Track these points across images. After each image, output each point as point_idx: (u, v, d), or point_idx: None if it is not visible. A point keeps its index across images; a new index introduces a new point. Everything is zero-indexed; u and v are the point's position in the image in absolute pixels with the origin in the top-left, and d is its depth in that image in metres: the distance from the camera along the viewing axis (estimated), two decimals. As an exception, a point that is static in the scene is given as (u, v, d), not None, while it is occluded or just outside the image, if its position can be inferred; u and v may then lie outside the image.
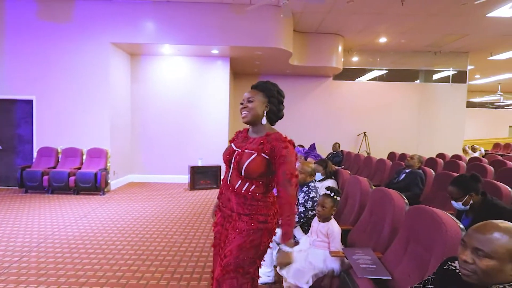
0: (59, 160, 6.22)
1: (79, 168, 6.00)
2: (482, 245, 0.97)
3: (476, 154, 8.31)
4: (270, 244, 1.65)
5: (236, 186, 1.58)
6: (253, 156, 1.53)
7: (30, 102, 6.27)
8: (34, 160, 6.21)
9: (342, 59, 8.46)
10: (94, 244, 3.48)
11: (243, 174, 1.55)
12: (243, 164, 1.53)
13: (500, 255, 0.94)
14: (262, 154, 1.53)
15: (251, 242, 1.53)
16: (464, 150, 8.74)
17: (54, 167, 6.04)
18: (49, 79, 6.20)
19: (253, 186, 1.56)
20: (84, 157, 6.23)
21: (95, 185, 5.74)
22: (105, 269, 2.89)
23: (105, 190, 6.05)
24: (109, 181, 6.19)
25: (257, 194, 1.55)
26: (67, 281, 2.65)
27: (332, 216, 2.31)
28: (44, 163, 6.11)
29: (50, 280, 2.67)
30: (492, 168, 4.15)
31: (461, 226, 1.55)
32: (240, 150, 1.60)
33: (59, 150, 6.27)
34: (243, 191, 1.55)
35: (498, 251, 0.94)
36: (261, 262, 1.66)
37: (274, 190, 1.64)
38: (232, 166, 1.62)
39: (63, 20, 6.13)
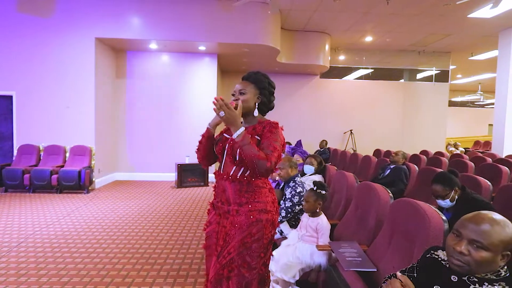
0: (41, 158, 6.04)
1: (62, 166, 5.84)
2: (480, 237, 0.97)
3: (458, 151, 8.59)
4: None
5: (231, 173, 1.54)
6: None
7: (9, 98, 6.06)
8: (14, 158, 6.01)
9: (329, 58, 8.54)
10: (78, 243, 3.40)
11: (237, 158, 1.50)
12: (237, 148, 1.49)
13: (495, 247, 0.96)
14: (256, 136, 1.52)
15: (252, 236, 1.48)
16: (447, 148, 9.01)
17: (36, 165, 5.86)
18: (30, 74, 6.00)
19: (248, 171, 1.50)
20: (67, 154, 6.07)
21: (78, 184, 5.60)
22: (88, 267, 2.83)
23: (89, 188, 5.92)
24: (93, 179, 6.05)
25: (253, 180, 1.52)
26: (48, 281, 2.57)
27: (321, 212, 2.33)
28: (25, 161, 5.93)
29: (30, 280, 2.59)
30: (472, 164, 4.30)
31: (444, 218, 1.58)
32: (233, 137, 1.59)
33: (41, 148, 6.09)
34: (238, 177, 1.52)
35: (494, 243, 0.96)
36: (270, 257, 1.60)
37: (270, 180, 1.62)
38: (225, 153, 1.59)
39: (45, 14, 5.93)
